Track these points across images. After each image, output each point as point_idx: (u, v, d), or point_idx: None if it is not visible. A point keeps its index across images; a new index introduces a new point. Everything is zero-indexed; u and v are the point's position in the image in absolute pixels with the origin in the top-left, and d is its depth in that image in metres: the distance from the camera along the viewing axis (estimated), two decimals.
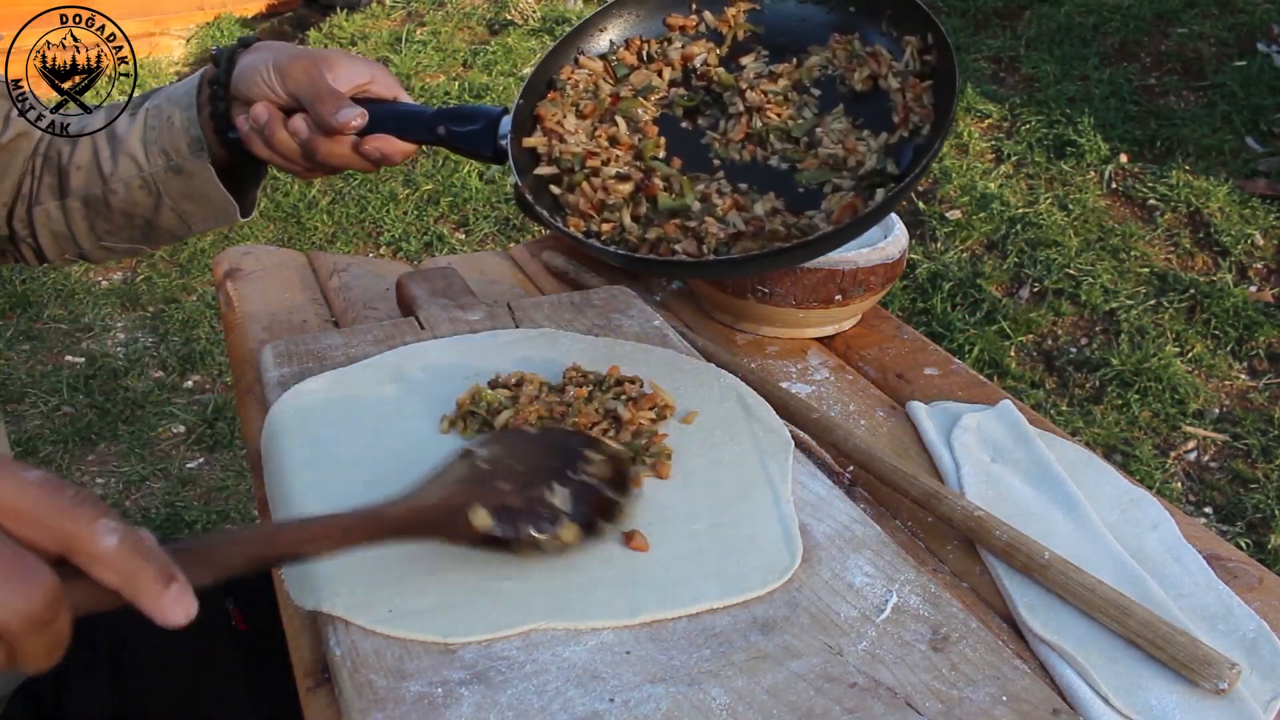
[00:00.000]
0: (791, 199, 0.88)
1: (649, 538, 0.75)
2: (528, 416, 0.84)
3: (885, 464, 0.85)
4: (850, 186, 0.86)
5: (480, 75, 4.35)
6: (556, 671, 0.65)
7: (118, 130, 1.00)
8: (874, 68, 0.91)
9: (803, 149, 0.90)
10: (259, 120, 0.93)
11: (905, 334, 1.13)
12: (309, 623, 0.73)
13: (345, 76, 0.94)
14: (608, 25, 1.00)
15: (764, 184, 0.90)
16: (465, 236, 3.61)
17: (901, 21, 0.91)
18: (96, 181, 1.00)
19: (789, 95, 0.93)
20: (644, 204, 0.90)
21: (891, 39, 0.92)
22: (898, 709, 0.62)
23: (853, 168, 0.87)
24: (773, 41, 0.97)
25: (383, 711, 0.61)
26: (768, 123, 0.91)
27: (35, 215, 1.02)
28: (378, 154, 0.93)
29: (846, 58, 0.93)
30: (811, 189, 0.88)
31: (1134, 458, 2.39)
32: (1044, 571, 0.74)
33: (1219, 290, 2.76)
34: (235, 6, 5.72)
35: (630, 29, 1.00)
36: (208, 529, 2.46)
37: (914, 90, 0.88)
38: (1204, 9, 3.75)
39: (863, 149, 0.88)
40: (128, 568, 0.48)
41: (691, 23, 0.99)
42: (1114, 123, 3.33)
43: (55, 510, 0.47)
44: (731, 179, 0.91)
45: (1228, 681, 0.66)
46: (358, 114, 0.90)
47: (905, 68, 0.90)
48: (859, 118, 0.91)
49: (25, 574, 0.46)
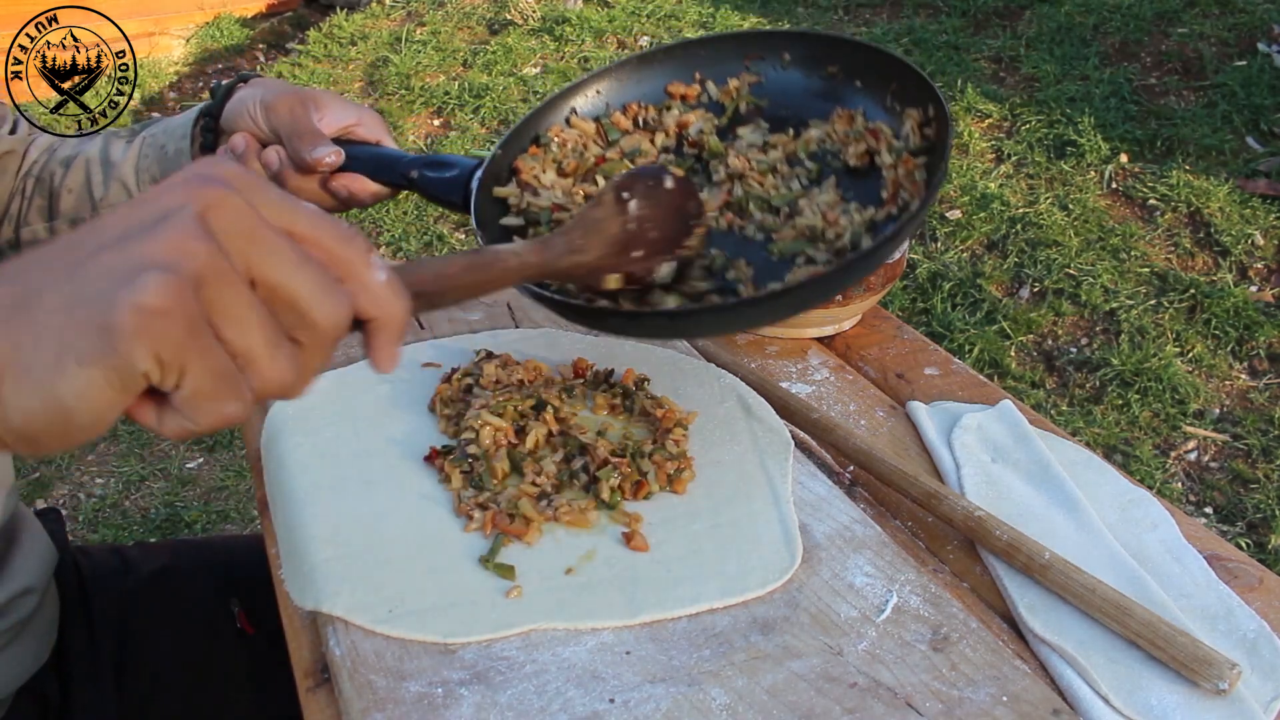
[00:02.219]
0: (762, 268, 0.84)
1: (649, 538, 0.75)
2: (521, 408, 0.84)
3: (885, 464, 0.85)
4: (823, 260, 0.82)
5: (480, 75, 4.35)
6: (556, 671, 0.65)
7: (113, 156, 1.01)
8: (871, 144, 0.87)
9: (781, 220, 0.86)
10: (236, 149, 0.94)
11: (905, 334, 1.13)
12: (309, 623, 0.72)
13: (331, 118, 0.94)
14: (603, 87, 0.96)
15: (737, 252, 0.85)
16: (465, 236, 3.61)
17: (906, 94, 0.87)
18: (86, 205, 1.00)
19: (778, 166, 0.89)
20: None
21: (894, 114, 0.88)
22: (898, 709, 0.62)
23: (830, 240, 0.83)
24: (775, 115, 0.94)
25: (383, 711, 0.61)
26: (749, 190, 0.88)
27: (23, 235, 1.03)
28: (345, 192, 0.94)
29: (845, 132, 0.89)
30: (786, 260, 0.84)
31: (1134, 458, 2.39)
32: (1044, 572, 0.74)
33: (1219, 290, 2.76)
34: (235, 6, 5.72)
35: (628, 93, 0.97)
36: (208, 529, 2.46)
37: (906, 166, 0.84)
38: (1204, 9, 3.75)
39: (844, 222, 0.83)
40: (387, 306, 0.51)
41: (693, 92, 0.96)
42: (1114, 123, 3.33)
43: (339, 238, 0.50)
44: (706, 244, 0.87)
45: (1228, 682, 0.66)
46: (332, 152, 0.91)
47: (903, 144, 0.86)
48: (849, 192, 0.87)
49: (335, 288, 0.48)
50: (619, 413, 0.89)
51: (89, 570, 1.02)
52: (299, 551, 0.75)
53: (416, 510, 0.78)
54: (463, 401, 0.88)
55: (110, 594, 1.01)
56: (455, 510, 0.78)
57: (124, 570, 1.04)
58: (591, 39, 4.42)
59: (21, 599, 0.88)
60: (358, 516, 0.77)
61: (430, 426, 0.88)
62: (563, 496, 0.79)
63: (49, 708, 0.93)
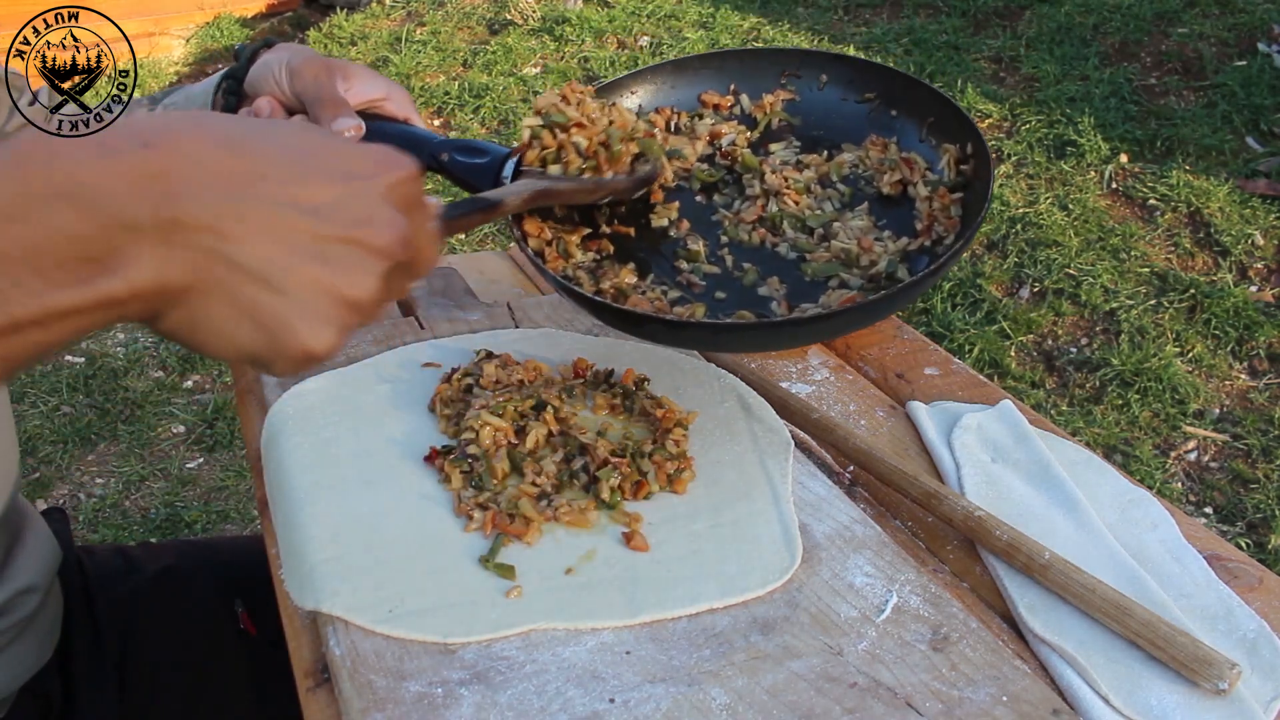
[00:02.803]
0: (795, 287, 0.84)
1: (649, 538, 0.75)
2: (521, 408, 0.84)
3: (885, 464, 0.85)
4: (857, 285, 0.82)
5: (480, 75, 4.35)
6: (556, 671, 0.65)
7: None
8: (905, 174, 0.87)
9: (815, 240, 0.86)
10: (260, 113, 0.92)
11: (905, 334, 1.13)
12: (309, 623, 0.72)
13: (359, 89, 0.92)
14: (639, 88, 0.96)
15: (770, 269, 0.86)
16: (465, 236, 3.61)
17: (944, 128, 0.87)
18: None
19: (811, 186, 0.89)
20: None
21: (930, 146, 0.88)
22: (898, 709, 0.62)
23: (864, 266, 0.83)
24: (807, 134, 0.93)
25: (383, 711, 0.61)
26: (784, 209, 0.88)
27: None
28: None
29: (879, 160, 0.89)
30: (818, 282, 0.84)
31: (1134, 458, 2.39)
32: (1044, 572, 0.74)
33: (1219, 290, 2.76)
34: (235, 6, 5.72)
35: (662, 97, 0.96)
36: (207, 529, 2.46)
37: (942, 200, 0.84)
38: (1204, 9, 3.75)
39: (878, 249, 0.84)
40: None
41: (726, 102, 0.96)
42: (1114, 123, 3.33)
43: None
44: (737, 258, 0.87)
45: (1228, 682, 0.66)
46: (354, 125, 0.89)
47: (938, 177, 0.86)
48: (881, 219, 0.87)
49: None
50: (619, 413, 0.89)
51: (93, 570, 1.02)
52: (299, 551, 0.75)
53: (416, 510, 0.78)
54: (463, 401, 0.88)
55: (114, 594, 1.01)
56: (455, 510, 0.78)
57: (128, 570, 1.04)
58: (591, 39, 4.41)
59: (24, 597, 0.88)
60: (358, 516, 0.77)
61: (430, 426, 0.88)
62: (563, 496, 0.79)
63: (51, 707, 0.93)
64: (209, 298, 0.49)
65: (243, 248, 0.48)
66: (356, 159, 0.54)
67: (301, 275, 0.50)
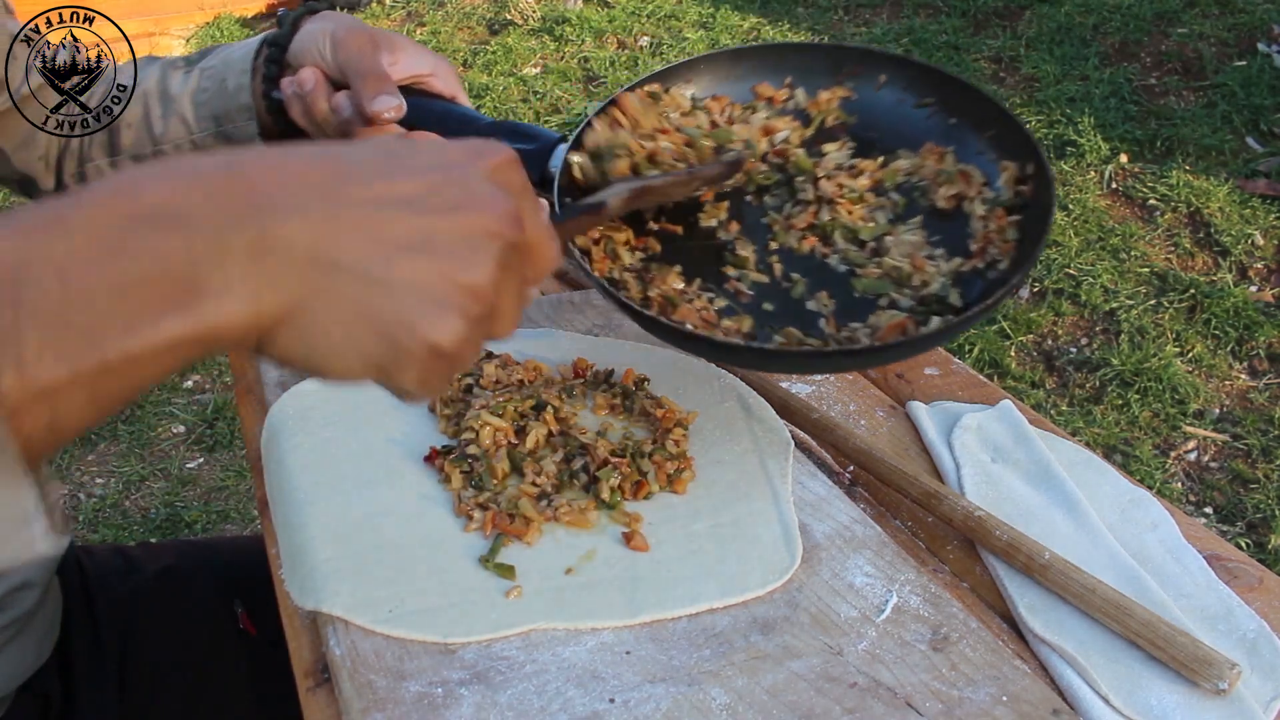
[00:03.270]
0: (843, 303, 0.82)
1: (649, 538, 0.75)
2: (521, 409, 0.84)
3: (885, 464, 0.85)
4: (907, 306, 0.80)
5: (480, 75, 4.35)
6: (556, 671, 0.65)
7: (171, 89, 0.97)
8: (962, 188, 0.84)
9: (867, 254, 0.84)
10: (304, 86, 0.89)
11: None
12: (309, 623, 0.72)
13: (405, 64, 0.89)
14: (694, 78, 0.93)
15: (819, 281, 0.83)
16: None
17: (1004, 144, 0.84)
18: (146, 142, 0.97)
19: (865, 195, 0.87)
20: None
21: (989, 160, 0.85)
22: (898, 709, 0.62)
23: (915, 286, 0.80)
24: (863, 134, 0.90)
25: (383, 711, 0.61)
26: (836, 218, 0.85)
27: (88, 172, 1.00)
28: None
29: (935, 171, 0.86)
30: (867, 298, 0.81)
31: (1134, 458, 2.39)
32: (1044, 571, 0.74)
33: (1219, 290, 2.76)
34: (235, 6, 5.71)
35: (716, 87, 0.93)
36: (207, 529, 2.46)
37: (998, 222, 0.81)
38: (1204, 9, 3.75)
39: (930, 269, 0.81)
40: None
41: (781, 96, 0.92)
42: (1114, 123, 3.33)
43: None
44: (786, 266, 0.85)
45: (1228, 682, 0.66)
46: (395, 105, 0.85)
47: (995, 195, 0.83)
48: (935, 235, 0.84)
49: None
50: (619, 413, 0.89)
51: (92, 570, 1.02)
52: (299, 551, 0.75)
53: (416, 510, 0.78)
54: (463, 401, 0.88)
55: (114, 594, 1.01)
56: (455, 510, 0.78)
57: (127, 570, 1.04)
58: (591, 39, 4.42)
59: (21, 593, 0.88)
60: (358, 516, 0.77)
61: (430, 426, 0.88)
62: (563, 496, 0.79)
63: (50, 706, 0.93)
64: (316, 310, 0.46)
65: (341, 250, 0.46)
66: (448, 150, 0.52)
67: (409, 266, 0.47)
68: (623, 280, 0.82)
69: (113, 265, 0.43)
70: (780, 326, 0.80)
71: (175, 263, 0.43)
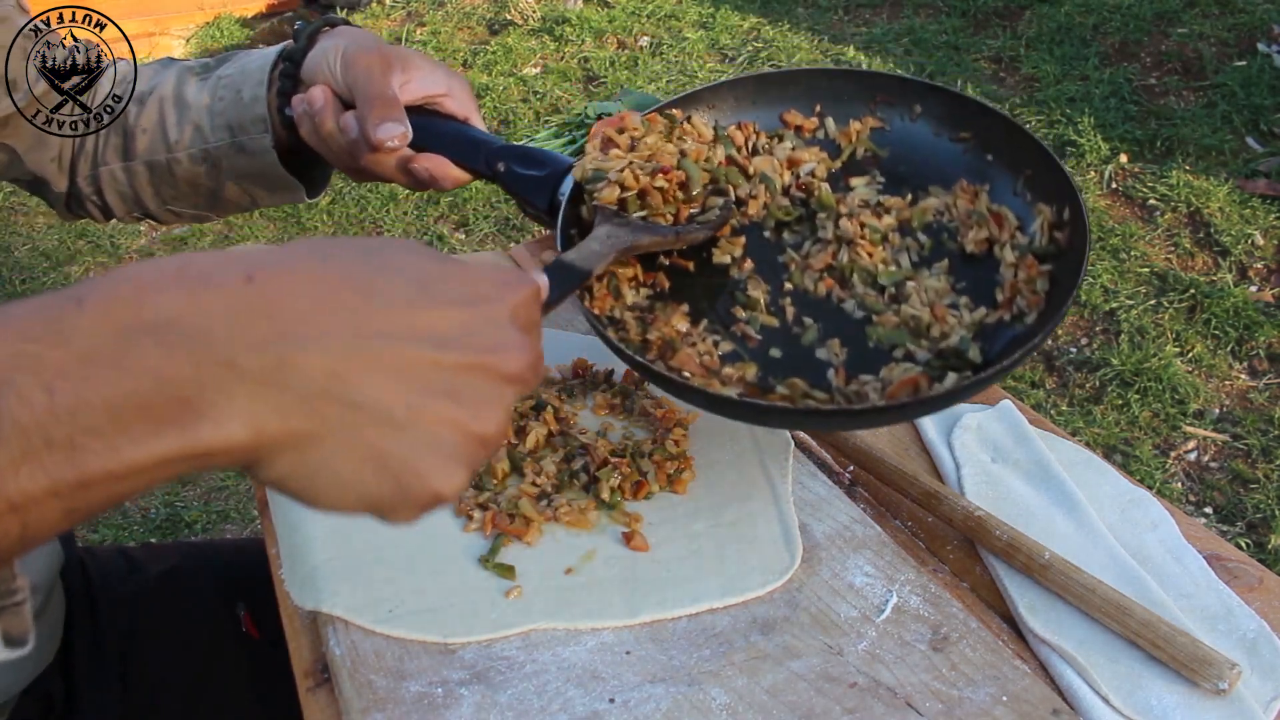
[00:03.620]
0: (856, 353, 0.77)
1: (649, 538, 0.75)
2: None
3: (885, 464, 0.85)
4: (923, 360, 0.75)
5: (480, 75, 4.35)
6: (556, 671, 0.65)
7: (187, 96, 0.96)
8: (993, 232, 0.80)
9: (885, 301, 0.79)
10: (314, 104, 0.87)
11: None
12: (309, 623, 0.72)
13: (418, 83, 0.87)
14: (718, 103, 0.88)
15: (832, 327, 0.79)
16: (465, 236, 3.61)
17: (1040, 186, 0.79)
18: (161, 148, 0.97)
19: (890, 235, 0.82)
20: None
21: (1024, 201, 0.80)
22: (898, 709, 0.62)
23: (934, 338, 0.76)
24: (893, 170, 0.86)
25: (383, 711, 0.61)
26: (856, 260, 0.81)
27: (101, 175, 1.00)
28: (426, 174, 0.86)
29: (966, 212, 0.81)
30: (882, 349, 0.77)
31: (1134, 458, 2.39)
32: (1044, 571, 0.74)
33: (1219, 290, 2.76)
34: (235, 6, 5.71)
35: (743, 113, 0.88)
36: (207, 529, 2.46)
37: (1029, 271, 0.77)
38: (1204, 9, 3.75)
39: (952, 320, 0.76)
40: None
41: (811, 125, 0.88)
42: (1114, 123, 3.33)
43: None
44: (799, 309, 0.81)
45: (1228, 682, 0.66)
46: (400, 133, 0.83)
47: (1029, 241, 0.78)
48: (960, 281, 0.79)
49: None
50: (619, 413, 0.89)
51: (95, 571, 1.02)
52: (299, 551, 0.75)
53: None
54: None
55: (116, 595, 1.01)
56: (455, 510, 0.78)
57: (130, 572, 1.04)
58: (591, 39, 4.42)
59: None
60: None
61: None
62: (563, 496, 0.79)
63: (53, 708, 0.93)
64: (325, 444, 0.44)
65: (363, 388, 0.44)
66: (479, 282, 0.50)
67: (430, 413, 0.46)
68: (623, 320, 0.79)
69: (107, 382, 0.41)
70: (786, 376, 0.76)
71: (177, 383, 0.41)
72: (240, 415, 0.42)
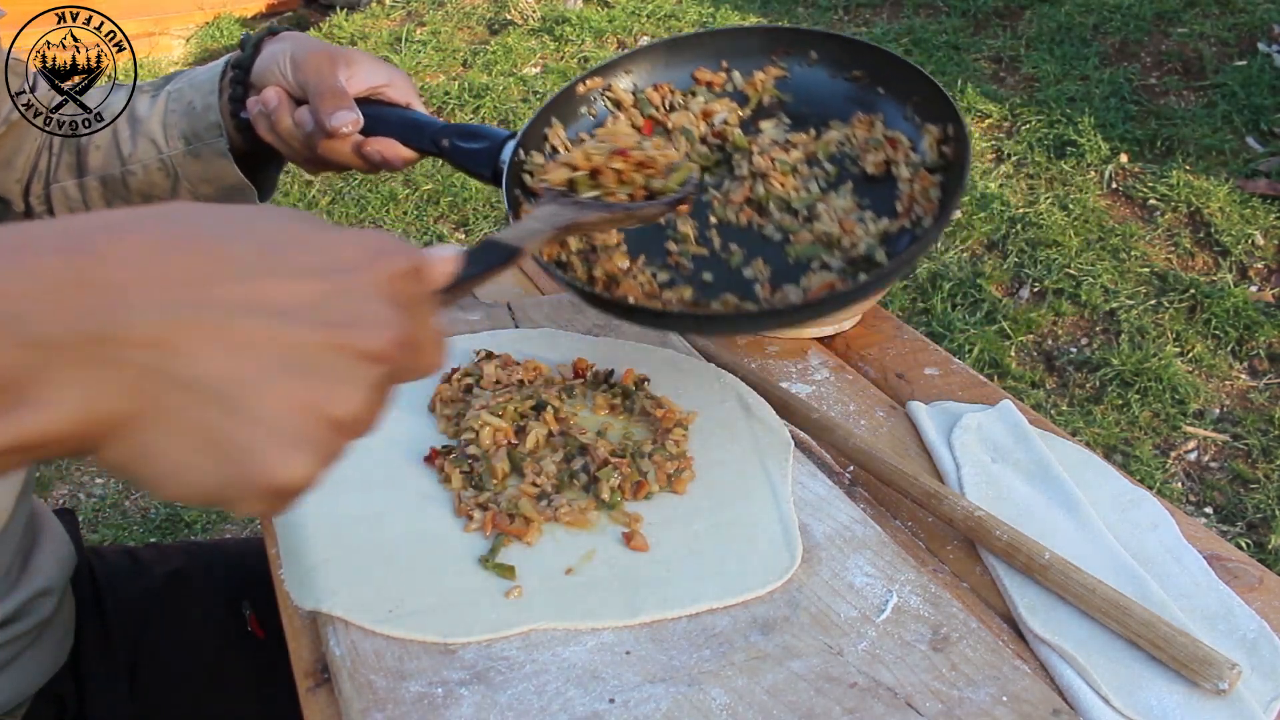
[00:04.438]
0: (778, 270, 0.87)
1: (649, 538, 0.75)
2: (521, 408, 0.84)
3: (885, 464, 0.85)
4: (838, 268, 0.85)
5: (480, 75, 4.35)
6: (556, 671, 0.65)
7: (138, 111, 1.00)
8: (889, 153, 0.89)
9: (800, 222, 0.89)
10: (268, 104, 0.93)
11: (905, 334, 1.13)
12: (309, 623, 0.72)
13: (361, 77, 0.93)
14: (634, 68, 0.98)
15: (755, 250, 0.89)
16: (465, 236, 3.61)
17: (927, 109, 0.89)
18: (115, 162, 1.00)
19: (799, 166, 0.92)
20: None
21: (914, 125, 0.90)
22: (898, 709, 0.62)
23: (845, 248, 0.86)
24: (797, 111, 0.95)
25: (383, 711, 0.61)
26: (770, 190, 0.90)
27: (53, 193, 1.02)
28: (378, 156, 0.93)
29: (865, 139, 0.91)
30: (801, 263, 0.86)
31: (1134, 458, 2.39)
32: (1044, 571, 0.74)
33: (1219, 290, 2.76)
34: (235, 6, 5.72)
35: (657, 75, 0.98)
36: (208, 529, 2.46)
37: (923, 183, 0.87)
38: (1204, 9, 3.75)
39: (859, 231, 0.86)
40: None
41: (719, 80, 0.97)
42: (1114, 123, 3.33)
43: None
44: (725, 239, 0.90)
45: (1228, 682, 0.66)
46: (351, 119, 0.90)
47: (920, 159, 0.88)
48: (865, 199, 0.89)
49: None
50: (619, 413, 0.89)
51: (102, 573, 1.02)
52: (299, 551, 0.75)
53: (416, 510, 0.78)
54: (462, 402, 0.88)
55: (124, 596, 1.01)
56: (455, 510, 0.78)
57: (137, 572, 1.04)
58: (591, 39, 4.42)
59: (41, 599, 0.88)
60: (358, 517, 0.77)
61: (430, 426, 0.88)
62: (563, 496, 0.79)
63: (65, 710, 0.93)
64: (157, 427, 0.40)
65: (195, 363, 0.40)
66: (344, 248, 0.45)
67: (271, 392, 0.41)
68: (569, 262, 0.88)
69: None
70: (719, 295, 0.85)
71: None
72: (62, 399, 0.39)
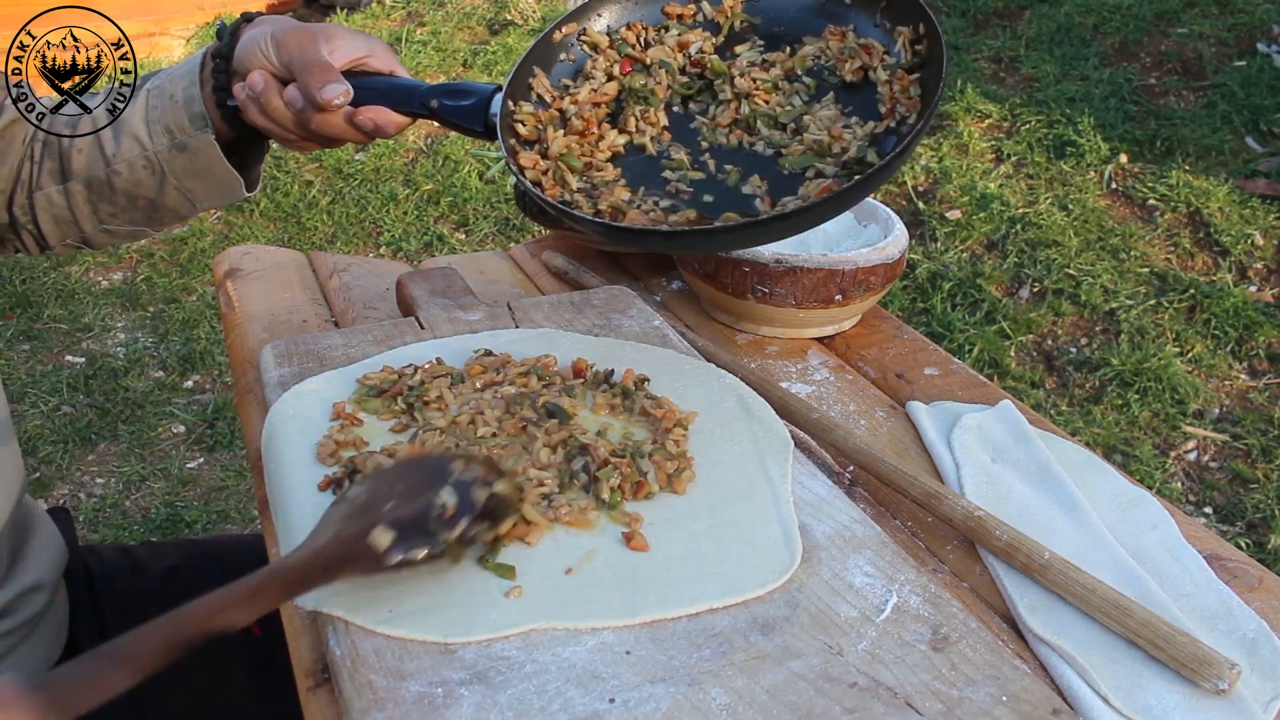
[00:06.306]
0: (775, 183, 0.90)
1: (649, 538, 0.75)
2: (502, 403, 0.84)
3: (885, 464, 0.85)
4: (832, 173, 0.88)
5: (480, 75, 4.35)
6: (556, 671, 0.65)
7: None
8: (865, 60, 0.93)
9: (789, 135, 0.92)
10: (255, 88, 0.94)
11: (905, 334, 1.13)
12: (309, 623, 0.72)
13: (342, 50, 0.95)
14: (604, 10, 1.01)
15: (750, 168, 0.91)
16: (465, 236, 3.61)
17: (895, 12, 0.93)
18: (99, 163, 1.00)
19: (779, 84, 0.95)
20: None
21: (885, 30, 0.94)
22: (898, 709, 0.62)
23: (837, 154, 0.89)
24: (769, 32, 0.99)
25: (383, 711, 0.61)
26: (756, 109, 0.93)
27: (36, 200, 1.02)
28: (371, 125, 0.94)
29: (839, 49, 0.95)
30: (796, 174, 0.89)
31: (1134, 458, 2.39)
32: (1044, 571, 0.74)
33: (1219, 290, 2.76)
34: (235, 7, 5.71)
35: (628, 14, 1.02)
36: (208, 529, 2.46)
37: (901, 83, 0.90)
38: (1204, 9, 3.75)
39: (848, 136, 0.89)
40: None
41: (689, 11, 1.01)
42: (1114, 123, 3.33)
43: None
44: (719, 160, 0.93)
45: (1228, 681, 0.66)
46: (342, 91, 0.91)
47: (895, 60, 0.92)
48: (848, 107, 0.93)
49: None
50: (619, 413, 0.89)
51: (98, 570, 1.02)
52: None
53: None
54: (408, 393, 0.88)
55: (120, 594, 1.01)
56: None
57: (133, 570, 1.04)
58: None
59: (32, 595, 0.88)
60: None
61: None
62: (563, 496, 0.79)
63: None
64: None
65: None
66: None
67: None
68: (574, 200, 0.90)
69: None
70: (722, 213, 0.88)
71: None
72: None
